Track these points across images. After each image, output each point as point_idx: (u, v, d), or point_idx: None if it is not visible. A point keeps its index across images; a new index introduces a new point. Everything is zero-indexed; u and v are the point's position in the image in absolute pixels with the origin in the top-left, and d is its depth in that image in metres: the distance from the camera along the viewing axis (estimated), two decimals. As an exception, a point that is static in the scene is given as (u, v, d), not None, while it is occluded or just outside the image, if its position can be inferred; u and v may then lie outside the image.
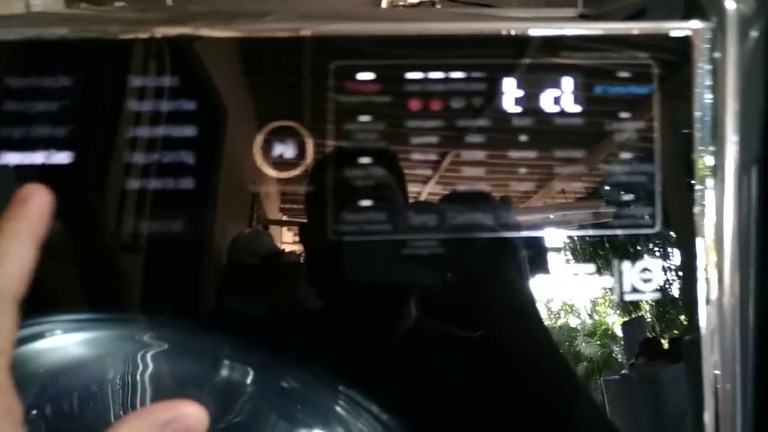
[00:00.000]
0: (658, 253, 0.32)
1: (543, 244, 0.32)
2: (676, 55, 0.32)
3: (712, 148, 0.32)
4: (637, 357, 0.33)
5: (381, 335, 0.33)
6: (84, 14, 0.61)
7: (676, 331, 0.33)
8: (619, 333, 0.33)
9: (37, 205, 0.22)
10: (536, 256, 0.32)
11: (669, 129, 0.32)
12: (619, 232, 0.31)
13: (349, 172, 0.31)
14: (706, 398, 0.31)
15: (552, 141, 0.32)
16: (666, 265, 0.32)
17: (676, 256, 0.32)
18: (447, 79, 0.31)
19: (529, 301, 0.32)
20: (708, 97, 0.32)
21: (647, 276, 0.31)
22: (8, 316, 0.20)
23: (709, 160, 0.32)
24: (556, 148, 0.32)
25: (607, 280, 0.31)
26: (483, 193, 0.31)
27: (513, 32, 0.32)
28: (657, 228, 0.32)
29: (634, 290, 0.31)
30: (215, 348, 0.33)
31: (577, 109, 0.32)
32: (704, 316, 0.31)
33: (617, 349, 0.33)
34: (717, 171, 0.32)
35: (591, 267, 0.32)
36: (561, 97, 0.32)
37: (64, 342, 0.32)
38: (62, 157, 0.31)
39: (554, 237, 0.32)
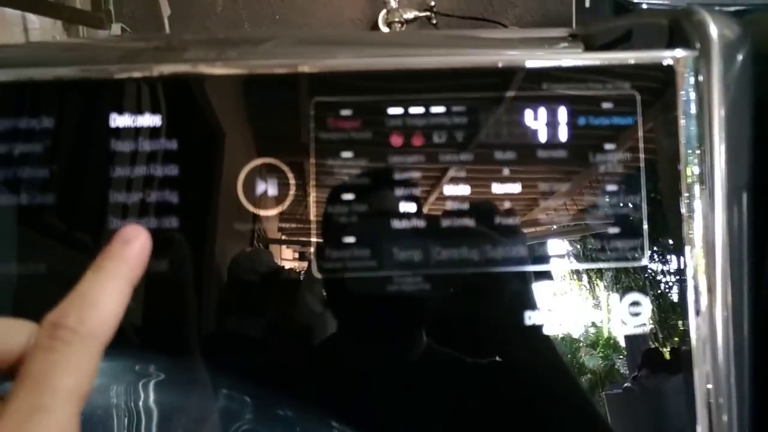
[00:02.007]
0: (647, 285, 0.31)
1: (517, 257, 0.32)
2: (660, 84, 0.32)
3: (697, 174, 0.32)
4: (639, 369, 0.33)
5: (391, 361, 0.33)
6: (81, 44, 0.61)
7: (677, 339, 0.32)
8: (622, 343, 0.32)
9: (139, 247, 0.22)
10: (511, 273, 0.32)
11: (654, 159, 0.32)
12: (605, 265, 0.31)
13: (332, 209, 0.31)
14: (698, 411, 0.30)
15: (536, 174, 0.32)
16: (664, 269, 0.31)
17: (656, 267, 0.32)
18: (428, 114, 0.31)
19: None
20: (693, 125, 0.32)
21: (636, 310, 0.31)
22: (95, 361, 0.19)
23: (697, 190, 0.31)
24: (539, 181, 0.31)
25: (598, 315, 0.31)
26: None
27: (499, 64, 0.32)
28: (644, 261, 0.31)
29: (623, 324, 0.31)
30: (214, 378, 0.33)
31: (561, 140, 0.32)
32: (694, 327, 0.30)
33: (620, 360, 0.33)
34: (706, 197, 0.32)
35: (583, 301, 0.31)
36: (544, 129, 0.32)
37: None
38: (46, 198, 0.31)
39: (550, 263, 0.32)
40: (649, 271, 0.31)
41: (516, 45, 0.45)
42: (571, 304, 0.32)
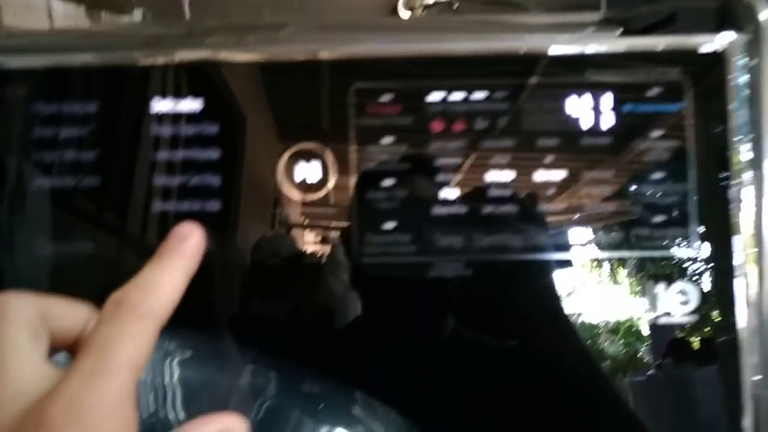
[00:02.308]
0: (694, 274, 0.31)
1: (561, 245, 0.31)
2: (709, 69, 0.31)
3: (746, 160, 0.31)
4: (664, 358, 0.32)
5: (417, 344, 0.33)
6: (105, 30, 0.61)
7: (707, 330, 0.31)
8: (645, 331, 0.32)
9: (194, 243, 0.23)
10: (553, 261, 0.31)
11: (702, 146, 0.31)
12: (651, 254, 0.31)
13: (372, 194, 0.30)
14: (744, 403, 0.29)
15: (579, 161, 0.31)
16: (711, 257, 0.30)
17: (705, 254, 0.31)
18: (469, 100, 0.31)
19: (560, 306, 0.31)
20: (743, 111, 0.31)
21: (684, 299, 0.30)
22: (151, 338, 0.21)
23: (746, 177, 0.31)
24: (583, 168, 0.31)
25: (642, 303, 0.31)
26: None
27: (534, 50, 0.31)
28: (692, 250, 0.31)
29: (668, 314, 0.31)
30: (239, 354, 0.33)
31: (605, 127, 0.31)
32: (744, 317, 0.30)
33: (643, 348, 0.32)
34: (757, 184, 0.31)
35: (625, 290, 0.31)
36: (588, 116, 0.31)
37: None
38: (91, 181, 0.31)
39: (582, 254, 0.32)
40: (696, 260, 0.31)
41: (548, 30, 0.44)
42: (596, 291, 0.31)
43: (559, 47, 0.32)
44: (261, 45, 0.33)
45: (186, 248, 0.23)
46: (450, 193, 0.31)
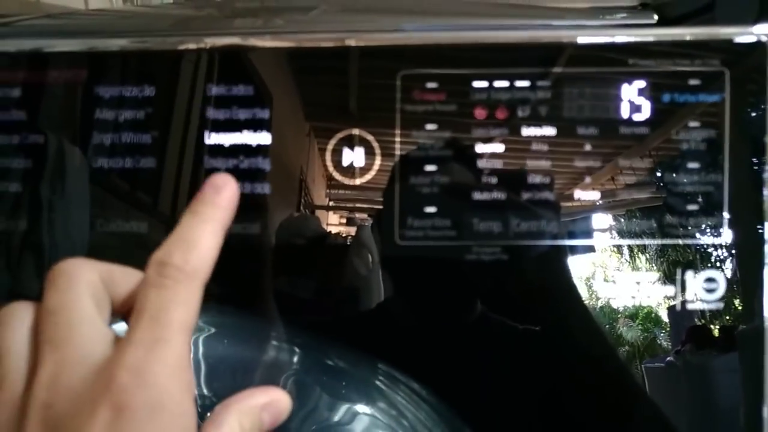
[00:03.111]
0: (722, 262, 0.32)
1: (591, 226, 0.32)
2: (749, 59, 0.32)
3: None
4: (683, 344, 0.32)
5: (445, 326, 0.34)
6: (137, 11, 0.62)
7: (728, 318, 0.31)
8: (664, 317, 0.32)
9: (229, 194, 0.23)
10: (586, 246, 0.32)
11: (740, 137, 0.31)
12: (684, 242, 0.32)
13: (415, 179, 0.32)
14: (765, 392, 0.30)
15: (616, 149, 0.32)
16: (722, 247, 0.31)
17: (734, 243, 0.31)
18: (512, 88, 0.32)
19: (569, 284, 0.32)
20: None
21: (711, 286, 0.31)
22: (199, 297, 0.21)
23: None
24: (620, 156, 0.32)
25: (669, 289, 0.32)
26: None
27: (579, 40, 0.32)
28: (724, 239, 0.32)
29: (697, 299, 0.32)
30: (264, 330, 0.34)
31: (644, 117, 0.32)
32: None
33: (662, 334, 0.33)
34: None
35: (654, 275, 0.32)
36: (627, 105, 0.32)
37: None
38: (148, 162, 0.33)
39: (608, 240, 0.33)
40: (725, 247, 0.32)
41: (584, 16, 0.44)
42: (616, 276, 0.32)
43: (594, 37, 0.32)
44: (292, 31, 0.33)
45: (222, 199, 0.22)
46: (488, 179, 0.32)
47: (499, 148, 0.32)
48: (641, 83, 0.32)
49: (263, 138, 0.32)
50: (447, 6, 0.49)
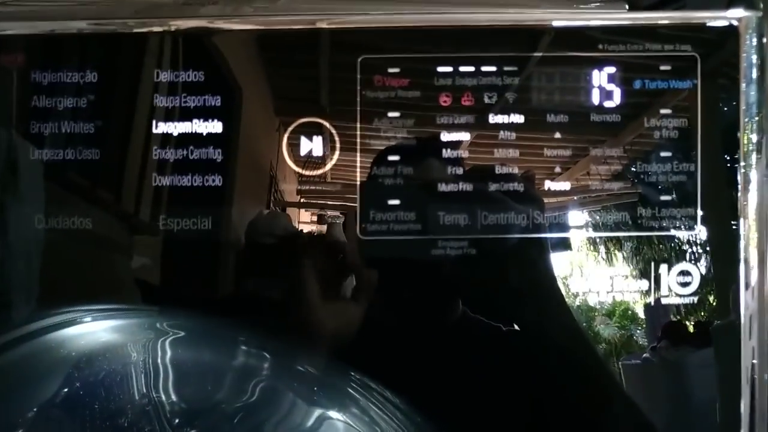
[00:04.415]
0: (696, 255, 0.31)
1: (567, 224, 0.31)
2: (721, 46, 0.31)
3: (755, 141, 0.31)
4: (659, 341, 0.32)
5: (425, 327, 0.33)
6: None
7: (703, 314, 0.31)
8: (640, 314, 0.32)
9: None
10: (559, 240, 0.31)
11: (711, 125, 0.31)
12: (657, 234, 0.30)
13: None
14: (742, 387, 0.30)
15: (587, 137, 0.31)
16: (713, 240, 0.30)
17: (708, 236, 0.31)
18: (478, 73, 0.30)
19: (557, 287, 0.31)
20: (754, 91, 0.31)
21: (685, 280, 0.30)
22: None
23: (753, 159, 0.30)
24: (591, 144, 0.31)
25: (643, 284, 0.31)
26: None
27: (539, 22, 0.31)
28: (696, 230, 0.31)
29: (671, 294, 0.31)
30: (232, 335, 0.33)
31: (615, 104, 0.31)
32: (743, 301, 0.30)
33: (638, 332, 0.32)
34: (762, 167, 0.31)
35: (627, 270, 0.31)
36: (597, 92, 0.31)
37: (93, 329, 0.33)
38: (90, 153, 0.31)
39: (582, 234, 0.31)
40: (699, 242, 0.31)
41: (556, 4, 0.43)
42: (593, 273, 0.31)
43: (564, 20, 0.31)
44: (258, 15, 0.32)
45: None
46: (456, 170, 0.30)
47: (465, 136, 0.30)
48: (611, 69, 0.31)
49: (215, 126, 0.30)
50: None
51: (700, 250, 0.31)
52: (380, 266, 0.31)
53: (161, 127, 0.31)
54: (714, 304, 0.31)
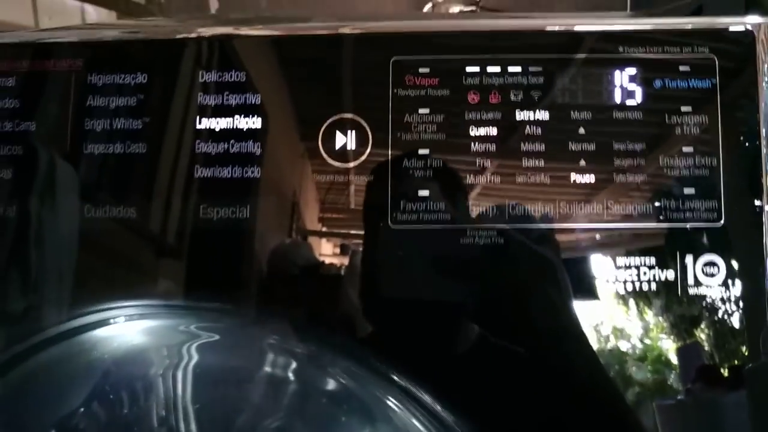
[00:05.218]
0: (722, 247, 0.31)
1: (590, 268, 0.32)
2: (739, 49, 0.32)
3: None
4: (693, 383, 0.32)
5: (441, 352, 0.32)
6: (134, 23, 0.64)
7: (736, 362, 0.31)
8: (674, 359, 0.32)
9: None
10: (582, 278, 0.31)
11: (733, 124, 0.31)
12: (679, 225, 0.31)
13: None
14: None
15: (611, 134, 0.32)
16: (726, 295, 0.31)
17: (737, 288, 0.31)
18: (504, 73, 0.32)
19: (574, 322, 0.31)
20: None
21: (711, 270, 0.31)
22: None
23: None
24: (615, 140, 0.32)
25: (670, 274, 0.31)
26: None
27: (575, 28, 0.32)
28: (722, 222, 0.31)
29: (698, 284, 0.31)
30: (261, 341, 0.33)
31: (637, 102, 0.32)
32: None
33: (672, 375, 0.32)
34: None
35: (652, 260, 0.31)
36: (620, 91, 0.32)
37: (126, 330, 0.34)
38: (138, 147, 0.33)
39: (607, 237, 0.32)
40: (726, 234, 0.31)
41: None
42: (623, 324, 0.31)
43: (588, 25, 0.33)
44: (284, 24, 0.34)
45: None
46: (486, 162, 0.31)
47: (492, 131, 0.32)
48: (632, 70, 0.32)
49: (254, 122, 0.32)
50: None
51: (725, 245, 0.31)
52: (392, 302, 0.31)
53: (204, 123, 0.33)
54: (743, 350, 0.31)
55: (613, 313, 0.31)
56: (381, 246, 0.31)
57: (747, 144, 0.32)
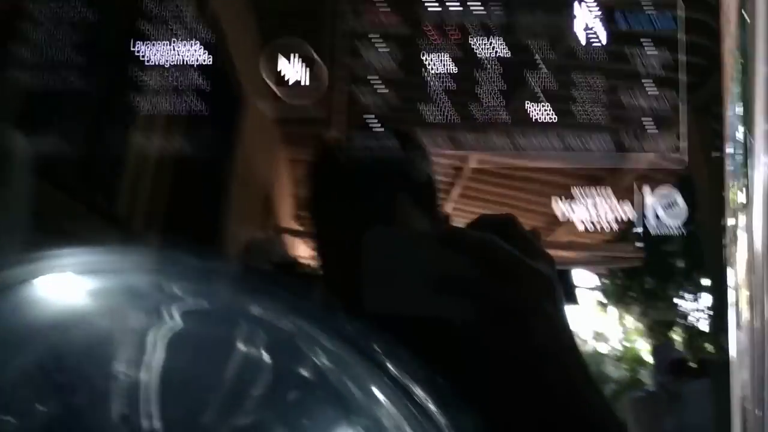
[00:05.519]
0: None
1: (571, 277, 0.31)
2: None
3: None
4: (664, 375, 0.33)
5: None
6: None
7: (703, 350, 0.32)
8: (648, 359, 0.32)
9: None
10: (567, 288, 0.30)
11: (696, 63, 0.31)
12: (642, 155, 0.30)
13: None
14: (733, 421, 0.29)
15: (571, 67, 0.31)
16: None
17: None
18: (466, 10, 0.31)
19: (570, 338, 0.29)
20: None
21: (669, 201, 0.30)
22: None
23: (741, 197, 0.30)
24: (578, 78, 0.31)
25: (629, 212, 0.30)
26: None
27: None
28: (681, 154, 0.30)
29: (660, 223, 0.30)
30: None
31: (600, 41, 0.31)
32: (734, 340, 0.29)
33: (645, 372, 0.32)
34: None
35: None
36: (583, 32, 0.31)
37: (75, 288, 0.30)
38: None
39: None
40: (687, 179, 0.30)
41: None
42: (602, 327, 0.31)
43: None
44: None
45: None
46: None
47: (451, 68, 0.31)
48: (593, 4, 0.31)
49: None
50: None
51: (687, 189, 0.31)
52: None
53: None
54: (709, 349, 0.31)
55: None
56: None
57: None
